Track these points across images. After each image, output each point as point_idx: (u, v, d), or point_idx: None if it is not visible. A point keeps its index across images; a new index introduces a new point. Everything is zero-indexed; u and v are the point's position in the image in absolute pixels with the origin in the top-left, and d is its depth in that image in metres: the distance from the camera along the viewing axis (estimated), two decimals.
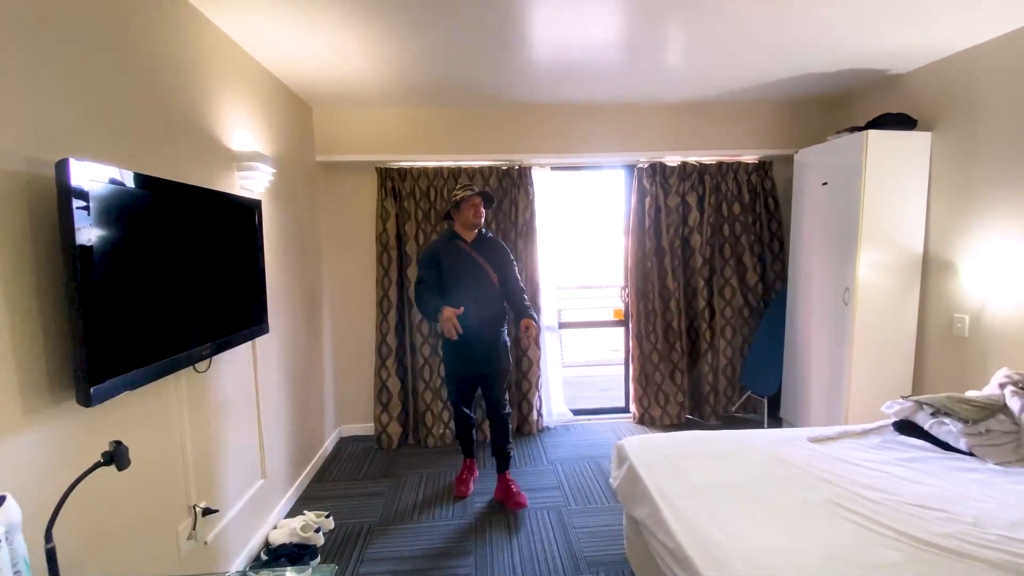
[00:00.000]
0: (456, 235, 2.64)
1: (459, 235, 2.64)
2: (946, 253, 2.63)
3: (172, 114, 1.76)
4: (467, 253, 2.60)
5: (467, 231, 2.64)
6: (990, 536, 1.32)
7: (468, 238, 2.64)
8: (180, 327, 1.57)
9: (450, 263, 2.58)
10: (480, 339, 2.57)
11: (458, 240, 2.63)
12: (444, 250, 2.61)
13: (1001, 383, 1.97)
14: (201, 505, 1.84)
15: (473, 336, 2.52)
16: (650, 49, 2.47)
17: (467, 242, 2.63)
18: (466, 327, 2.47)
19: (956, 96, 2.56)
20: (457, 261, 2.59)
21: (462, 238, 2.63)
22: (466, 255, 2.60)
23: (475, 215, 2.60)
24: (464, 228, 2.64)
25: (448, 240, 2.65)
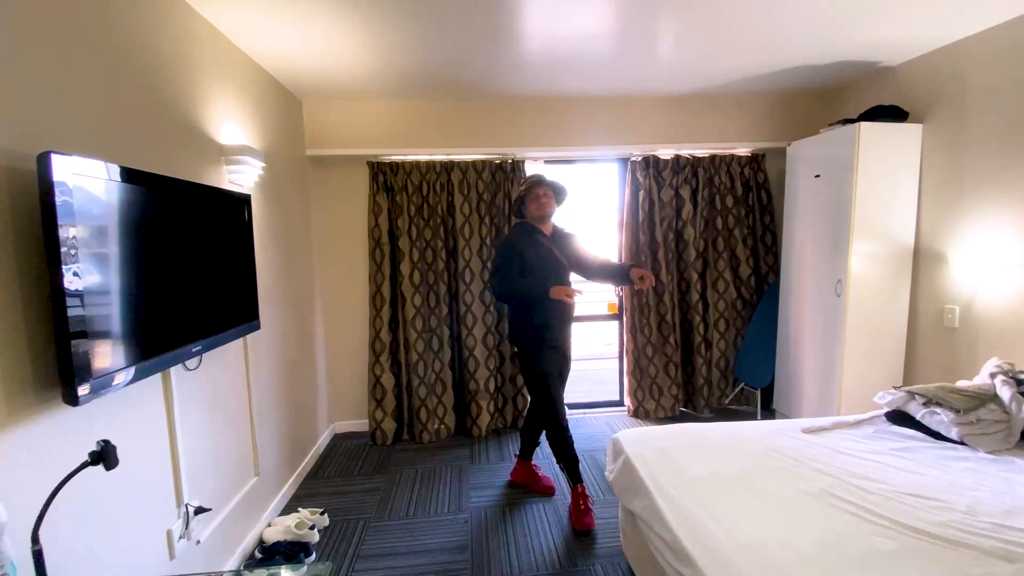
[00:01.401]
0: (534, 228, 2.51)
1: (537, 228, 2.51)
2: (937, 244, 2.65)
3: (157, 107, 1.72)
4: (547, 247, 2.48)
5: (542, 224, 2.51)
6: (983, 524, 1.33)
7: (546, 231, 2.52)
8: (168, 325, 1.54)
9: (532, 256, 2.43)
10: (565, 336, 2.52)
11: (538, 234, 2.49)
12: (526, 243, 2.45)
13: (992, 373, 1.99)
14: (193, 504, 1.82)
15: (561, 335, 2.48)
16: (642, 40, 2.45)
17: (546, 236, 2.51)
18: (554, 326, 2.44)
19: (946, 88, 2.57)
20: (539, 255, 2.44)
21: (541, 231, 2.51)
22: (547, 249, 2.47)
23: (538, 208, 2.47)
24: (537, 222, 2.51)
25: (528, 233, 2.50)
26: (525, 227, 2.53)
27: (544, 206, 2.46)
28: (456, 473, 2.94)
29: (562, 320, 2.48)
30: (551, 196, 2.48)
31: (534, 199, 2.46)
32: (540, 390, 2.46)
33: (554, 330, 2.46)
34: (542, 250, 2.46)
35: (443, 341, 3.42)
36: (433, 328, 3.41)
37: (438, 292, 3.40)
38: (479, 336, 3.43)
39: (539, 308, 2.43)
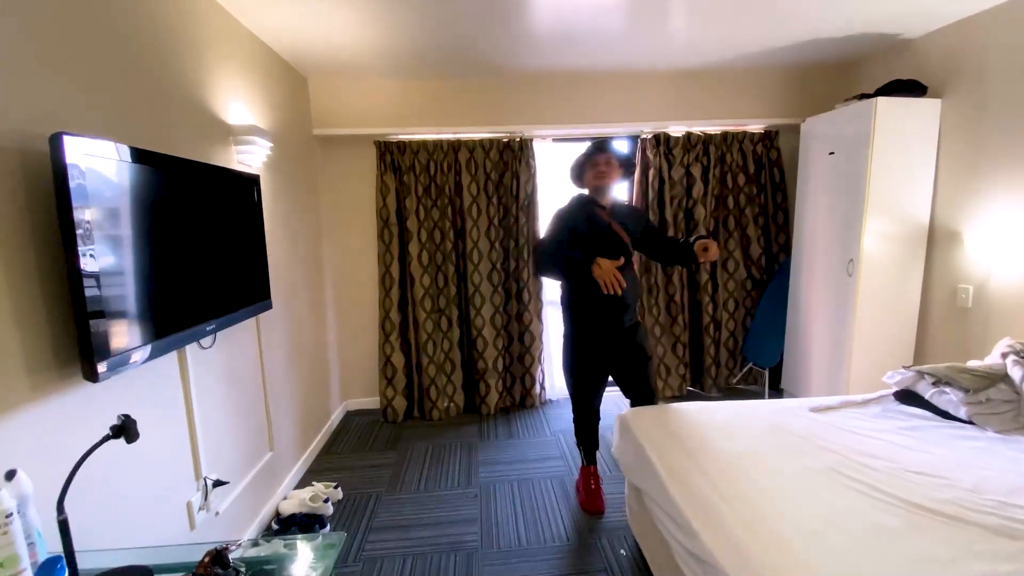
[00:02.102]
0: (591, 200, 2.27)
1: (595, 200, 2.27)
2: (952, 223, 2.60)
3: (165, 87, 1.72)
4: (605, 222, 2.22)
5: (600, 196, 2.26)
6: (988, 502, 1.34)
7: (604, 204, 2.26)
8: (182, 304, 1.57)
9: (586, 231, 2.20)
10: (619, 322, 2.24)
11: (595, 207, 2.24)
12: (580, 216, 2.22)
13: (1003, 353, 1.97)
14: (211, 477, 1.88)
15: (614, 319, 2.23)
16: (653, 12, 2.39)
17: (604, 209, 2.25)
18: (605, 308, 2.21)
19: (967, 62, 2.49)
20: (594, 229, 2.19)
21: (599, 204, 2.26)
22: (604, 224, 2.21)
23: (596, 176, 2.21)
24: (595, 194, 2.27)
25: (583, 205, 2.26)
26: (581, 199, 2.30)
27: (604, 175, 2.21)
28: (466, 450, 2.99)
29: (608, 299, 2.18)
30: (613, 164, 2.23)
31: (592, 166, 2.22)
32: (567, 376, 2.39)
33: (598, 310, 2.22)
34: (599, 225, 2.20)
35: (452, 321, 3.44)
36: (442, 308, 3.43)
37: (446, 272, 3.41)
38: (487, 316, 3.45)
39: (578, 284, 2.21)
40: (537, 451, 2.96)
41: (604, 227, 2.22)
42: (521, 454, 2.93)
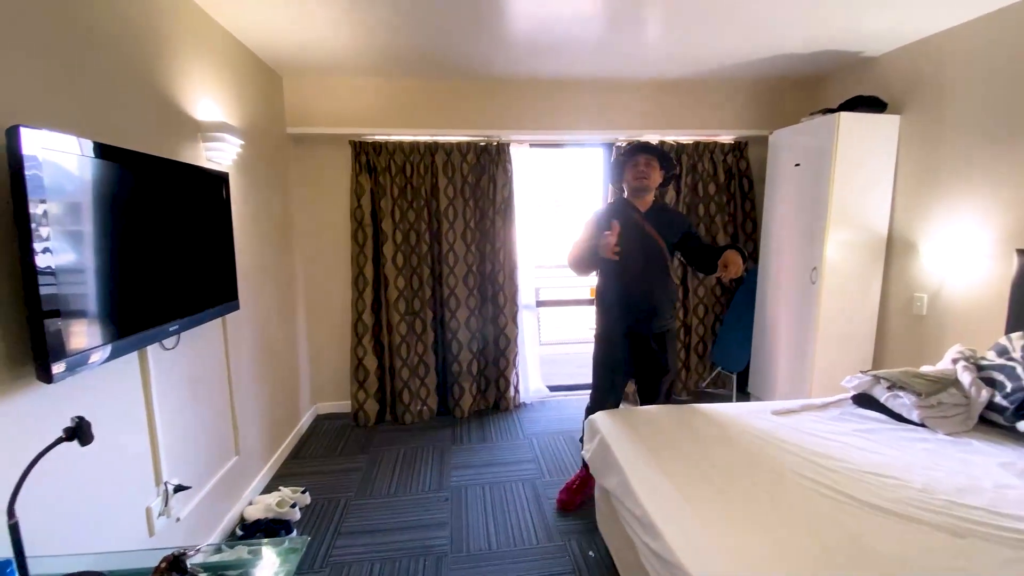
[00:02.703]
0: (628, 204, 2.26)
1: (632, 203, 2.25)
2: (909, 234, 2.72)
3: (131, 82, 1.68)
4: (639, 224, 2.19)
5: (638, 198, 2.24)
6: (937, 501, 1.40)
7: (641, 207, 2.24)
8: (144, 304, 1.53)
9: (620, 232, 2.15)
10: (646, 327, 2.22)
11: (631, 210, 2.22)
12: (615, 216, 2.18)
13: (954, 359, 2.07)
14: (173, 482, 1.83)
15: (639, 323, 2.21)
16: (629, 24, 2.44)
17: (640, 212, 2.23)
18: (631, 311, 2.21)
19: (924, 80, 2.61)
20: (626, 231, 2.12)
21: (635, 207, 2.25)
22: (637, 226, 2.18)
23: (635, 177, 2.19)
24: (632, 195, 2.25)
25: (619, 207, 2.26)
26: (618, 202, 2.32)
27: (643, 175, 2.18)
28: (438, 453, 2.98)
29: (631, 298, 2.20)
30: (654, 166, 2.20)
31: (633, 167, 2.19)
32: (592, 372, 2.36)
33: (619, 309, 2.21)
34: (632, 227, 2.17)
35: (426, 323, 3.42)
36: (416, 310, 3.42)
37: (421, 275, 3.40)
38: (462, 319, 3.45)
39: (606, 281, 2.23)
40: (510, 454, 2.97)
41: (636, 230, 2.18)
42: (494, 457, 2.93)
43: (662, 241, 2.20)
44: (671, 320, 2.29)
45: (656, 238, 2.19)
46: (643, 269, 2.19)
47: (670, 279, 2.27)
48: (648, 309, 2.22)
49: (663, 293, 2.23)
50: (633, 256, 2.13)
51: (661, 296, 2.23)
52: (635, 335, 2.27)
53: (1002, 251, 2.25)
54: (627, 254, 2.10)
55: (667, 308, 2.26)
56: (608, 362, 2.33)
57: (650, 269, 2.20)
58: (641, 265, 2.17)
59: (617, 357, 2.31)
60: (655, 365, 2.29)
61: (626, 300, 2.22)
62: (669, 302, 2.27)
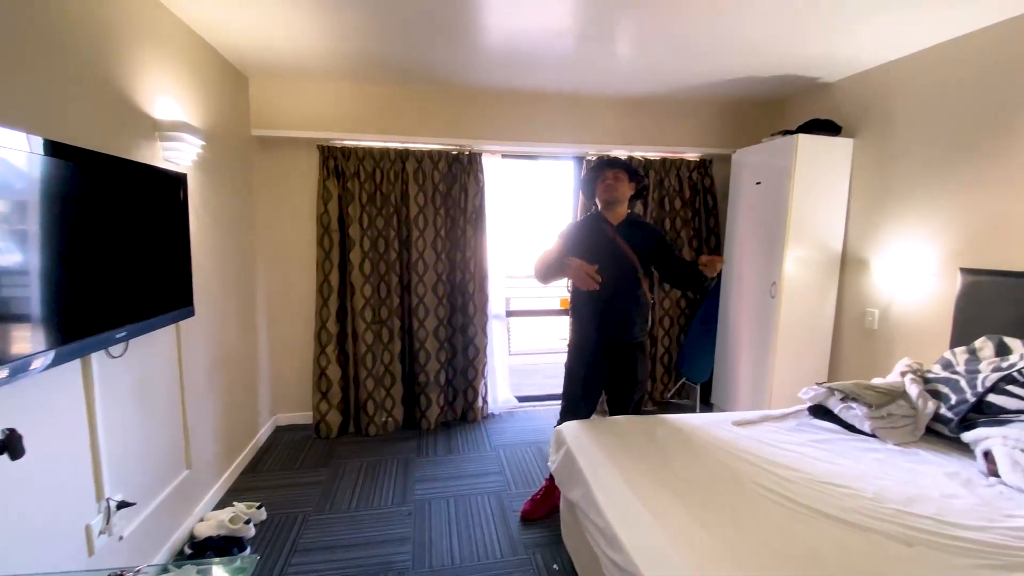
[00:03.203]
0: (600, 217, 2.30)
1: (603, 216, 2.29)
2: (861, 251, 2.85)
3: (85, 77, 1.60)
4: (610, 237, 2.23)
5: (609, 211, 2.28)
6: (887, 510, 1.45)
7: (613, 220, 2.27)
8: (89, 309, 1.45)
9: (589, 246, 2.22)
10: (616, 338, 2.26)
11: (602, 223, 2.27)
12: (587, 230, 2.27)
13: (902, 371, 2.16)
14: (115, 498, 1.72)
15: (610, 335, 2.25)
16: (600, 41, 2.49)
17: (611, 224, 2.27)
18: (602, 323, 2.23)
19: (875, 106, 2.75)
20: (597, 244, 2.20)
21: (607, 220, 2.28)
22: (608, 240, 2.22)
23: (605, 191, 2.24)
24: (604, 208, 2.29)
25: (592, 220, 2.31)
26: (591, 216, 2.34)
27: (612, 189, 2.23)
28: (402, 466, 2.92)
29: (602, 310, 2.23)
30: (623, 179, 2.25)
31: (602, 181, 2.25)
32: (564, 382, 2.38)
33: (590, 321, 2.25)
34: (602, 240, 2.22)
35: (393, 332, 3.37)
36: (383, 319, 3.36)
37: (389, 283, 3.35)
38: (431, 328, 3.41)
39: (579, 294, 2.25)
40: (476, 466, 2.93)
41: (606, 242, 2.22)
42: (460, 470, 2.89)
43: (634, 254, 2.22)
44: (642, 333, 2.32)
45: (628, 252, 2.21)
46: (615, 282, 2.21)
47: (642, 292, 2.29)
48: (619, 321, 2.25)
49: (635, 306, 2.26)
50: (605, 269, 2.15)
51: (632, 309, 2.25)
52: (607, 347, 2.29)
53: (947, 269, 2.38)
54: (599, 267, 2.14)
55: (639, 321, 2.29)
56: (579, 373, 2.35)
57: (622, 282, 2.22)
58: (613, 278, 2.19)
59: (588, 368, 2.32)
60: (626, 377, 2.32)
61: (598, 312, 2.25)
62: (641, 315, 2.29)
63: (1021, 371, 1.78)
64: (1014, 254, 2.10)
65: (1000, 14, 2.08)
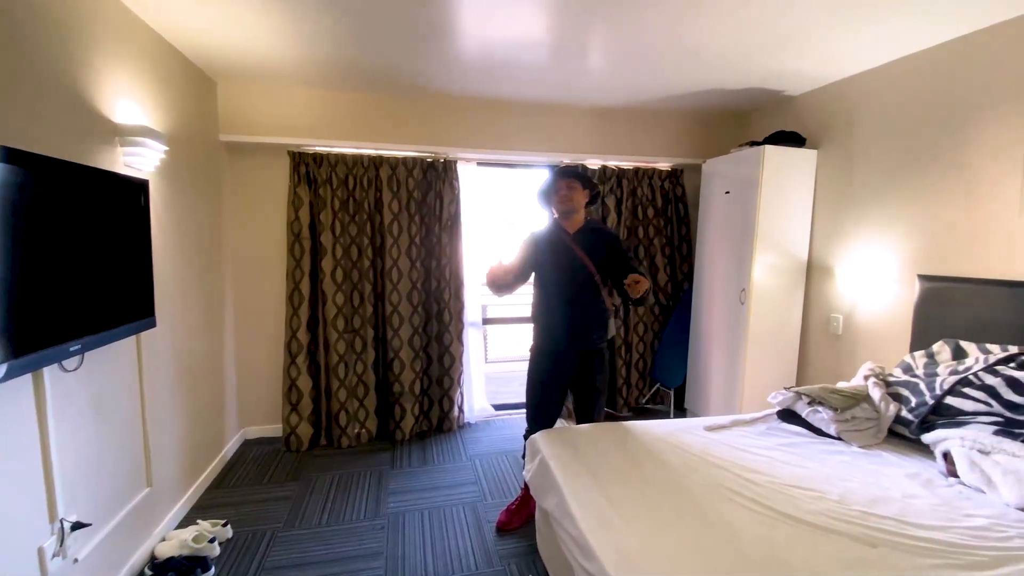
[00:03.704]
0: (557, 224, 2.33)
1: (560, 224, 2.32)
2: (825, 259, 2.93)
3: (40, 79, 1.54)
4: (566, 245, 2.25)
5: (566, 220, 2.31)
6: (852, 512, 1.48)
7: (570, 228, 2.30)
8: (41, 321, 1.38)
9: (545, 253, 2.27)
10: (573, 345, 2.28)
11: (559, 231, 2.30)
12: (544, 238, 2.31)
13: (865, 375, 2.22)
14: (70, 519, 1.64)
15: (568, 342, 2.26)
16: (574, 52, 2.52)
17: (568, 232, 2.29)
18: (560, 330, 2.26)
19: (837, 119, 2.85)
20: (553, 252, 2.25)
21: (564, 229, 2.30)
22: (564, 247, 2.25)
23: (559, 201, 2.27)
24: (562, 218, 2.32)
25: (550, 230, 2.33)
26: (549, 225, 2.37)
27: (566, 199, 2.26)
28: (375, 478, 2.86)
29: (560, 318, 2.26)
30: (576, 187, 2.28)
31: (555, 192, 2.29)
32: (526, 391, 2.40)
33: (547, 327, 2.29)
34: (558, 248, 2.26)
35: (367, 342, 3.31)
36: (356, 328, 3.30)
37: (362, 291, 3.30)
38: (405, 337, 3.36)
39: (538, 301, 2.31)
40: (451, 477, 2.89)
41: (562, 250, 2.25)
42: (434, 481, 2.84)
43: (590, 262, 2.24)
44: (601, 340, 2.33)
45: (584, 259, 2.24)
46: (572, 290, 2.24)
47: (600, 300, 2.30)
48: (577, 329, 2.27)
49: (593, 313, 2.28)
50: (562, 277, 2.21)
51: (590, 316, 2.27)
52: (565, 354, 2.30)
53: (906, 276, 2.46)
54: (557, 275, 2.22)
55: (597, 328, 2.30)
56: (538, 379, 2.36)
57: (578, 290, 2.25)
58: (569, 285, 2.23)
59: (547, 375, 2.34)
60: (586, 384, 2.34)
61: (556, 319, 2.28)
62: (599, 322, 2.30)
63: (976, 374, 1.85)
64: (968, 261, 2.20)
65: (955, 31, 2.18)
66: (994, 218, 2.10)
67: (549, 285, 2.28)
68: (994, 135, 2.09)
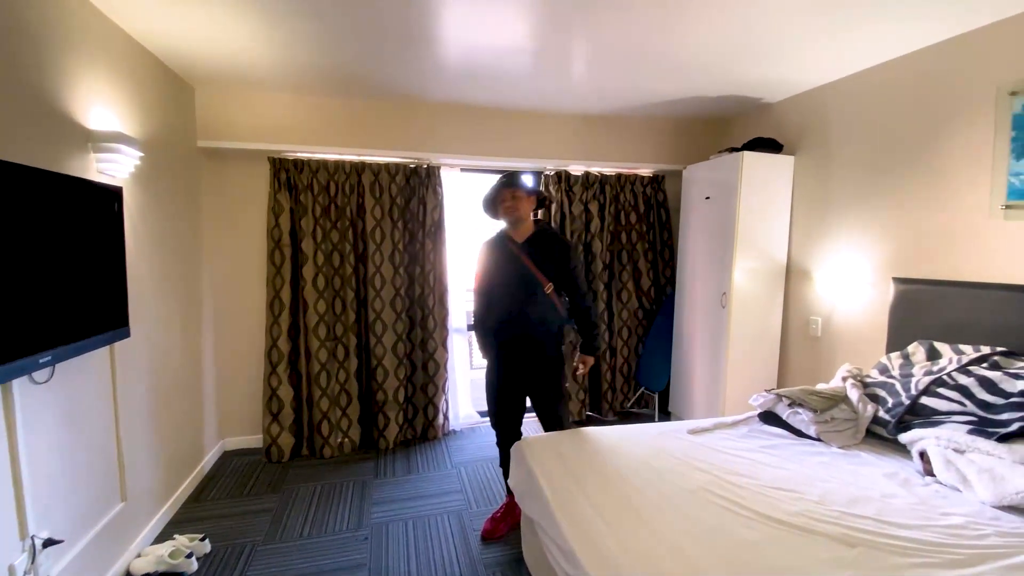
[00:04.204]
0: (505, 234, 2.35)
1: (508, 234, 2.34)
2: (804, 262, 2.99)
3: (9, 82, 1.50)
4: (514, 254, 2.28)
5: (514, 229, 2.32)
6: (831, 512, 1.49)
7: (518, 237, 2.31)
8: (8, 332, 1.34)
9: (494, 264, 2.31)
10: (525, 351, 2.29)
11: (507, 240, 2.32)
12: (492, 249, 2.34)
13: (843, 377, 2.26)
14: (41, 536, 1.59)
15: (518, 347, 2.28)
16: (556, 60, 2.54)
17: (516, 242, 2.31)
18: (509, 338, 2.28)
19: (813, 126, 2.92)
20: (501, 262, 2.29)
21: (512, 238, 2.32)
22: (512, 256, 2.28)
23: (505, 211, 2.27)
24: (510, 227, 2.34)
25: (498, 239, 2.36)
26: (498, 236, 2.38)
27: (511, 210, 2.27)
28: (358, 488, 2.82)
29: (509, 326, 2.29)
30: (520, 196, 2.28)
31: (501, 203, 2.29)
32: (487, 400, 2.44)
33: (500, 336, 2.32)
34: (506, 258, 2.29)
35: (349, 350, 3.27)
36: (338, 336, 3.26)
37: (345, 298, 3.26)
38: (389, 344, 3.33)
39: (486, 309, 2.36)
40: (436, 486, 2.86)
41: (510, 260, 2.28)
42: (419, 490, 2.81)
43: (538, 271, 2.26)
44: (554, 347, 2.34)
45: (532, 268, 2.26)
46: (519, 298, 2.26)
47: (549, 303, 2.29)
48: (526, 336, 2.29)
49: (543, 320, 2.28)
50: (510, 286, 2.25)
51: (539, 323, 2.28)
52: (518, 362, 2.32)
53: (881, 278, 2.52)
54: (502, 283, 2.26)
55: (547, 335, 2.31)
56: (493, 386, 2.38)
57: (525, 298, 2.25)
58: (516, 294, 2.25)
59: (500, 381, 2.35)
60: (544, 391, 2.35)
61: (504, 328, 2.30)
62: (548, 329, 2.31)
63: (950, 375, 1.90)
64: (942, 264, 2.25)
65: (928, 39, 2.25)
66: (966, 221, 2.16)
67: (500, 296, 2.29)
68: (965, 140, 2.16)
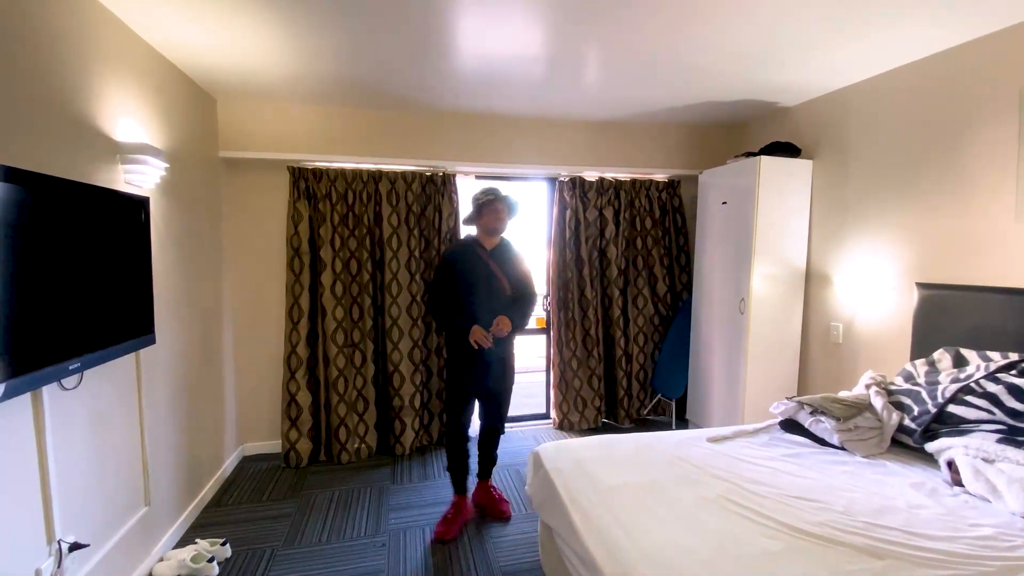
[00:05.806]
0: (475, 242, 2.54)
1: (480, 242, 2.53)
2: (824, 267, 2.94)
3: (42, 98, 1.55)
4: (484, 262, 2.49)
5: (488, 238, 2.53)
6: (856, 523, 1.46)
7: (488, 245, 2.53)
8: (40, 340, 1.38)
9: (465, 270, 2.47)
10: (491, 353, 2.45)
11: (478, 248, 2.52)
12: (462, 256, 2.51)
13: (867, 384, 2.22)
14: (68, 540, 1.62)
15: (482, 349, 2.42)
16: (570, 68, 2.55)
17: (487, 250, 2.52)
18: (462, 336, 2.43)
19: (831, 129, 2.88)
20: (473, 269, 2.47)
21: (483, 245, 2.52)
22: (483, 264, 2.48)
23: (493, 221, 2.47)
24: (485, 235, 2.52)
25: (468, 246, 2.54)
26: (464, 242, 2.58)
27: (499, 220, 2.49)
28: (376, 494, 2.83)
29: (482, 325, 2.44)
30: (506, 212, 2.51)
31: (492, 211, 2.47)
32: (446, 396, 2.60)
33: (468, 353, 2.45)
34: (479, 266, 2.48)
35: (366, 356, 3.30)
36: (356, 342, 3.29)
37: (362, 305, 3.29)
38: (405, 351, 3.36)
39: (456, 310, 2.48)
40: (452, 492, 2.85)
41: (483, 267, 2.48)
42: (436, 496, 2.82)
43: (504, 277, 2.50)
44: (510, 348, 2.58)
45: (499, 275, 2.49)
46: (488, 301, 2.45)
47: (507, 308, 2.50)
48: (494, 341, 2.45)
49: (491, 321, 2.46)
50: (479, 290, 2.45)
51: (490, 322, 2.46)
52: (479, 361, 2.47)
53: (904, 284, 2.47)
54: (473, 289, 2.45)
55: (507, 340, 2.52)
56: (456, 383, 2.54)
57: (493, 301, 2.47)
58: (486, 297, 2.46)
59: (463, 380, 2.51)
60: (499, 391, 2.57)
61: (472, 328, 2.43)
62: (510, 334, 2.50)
63: (978, 382, 1.85)
64: (966, 269, 2.20)
65: (950, 41, 2.21)
66: (990, 226, 2.12)
67: (470, 301, 2.45)
68: (989, 143, 2.11)
